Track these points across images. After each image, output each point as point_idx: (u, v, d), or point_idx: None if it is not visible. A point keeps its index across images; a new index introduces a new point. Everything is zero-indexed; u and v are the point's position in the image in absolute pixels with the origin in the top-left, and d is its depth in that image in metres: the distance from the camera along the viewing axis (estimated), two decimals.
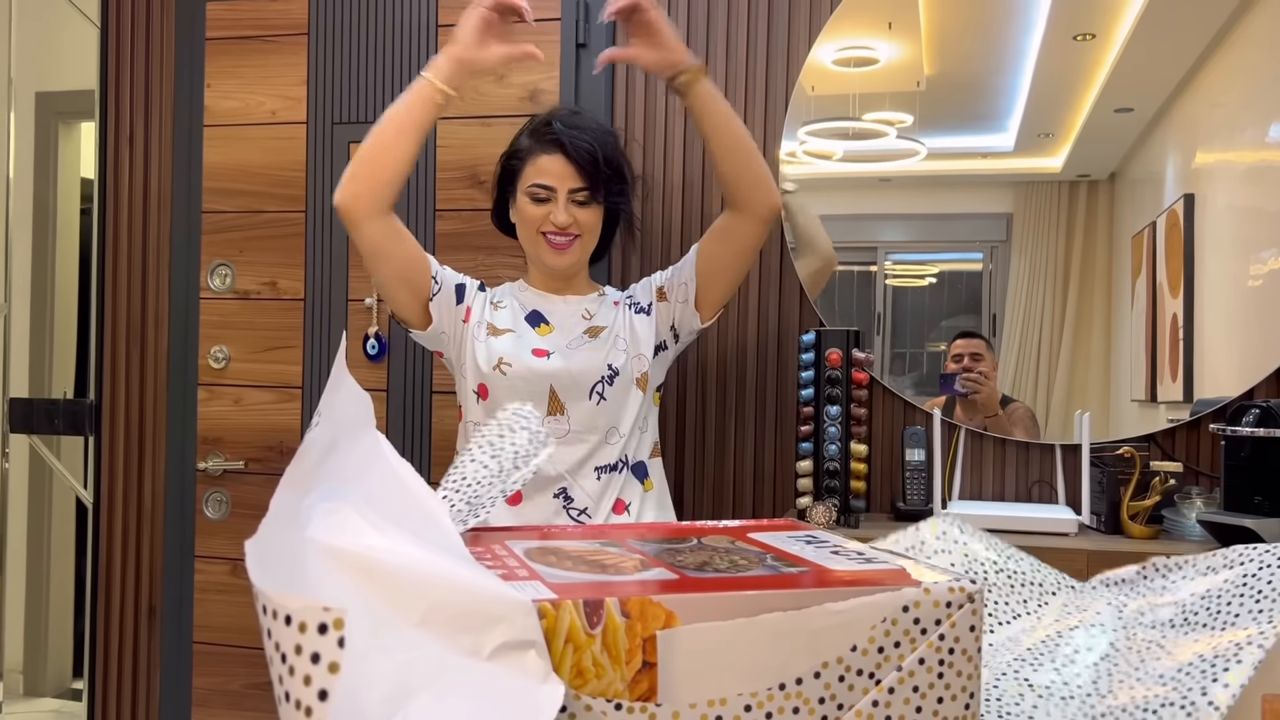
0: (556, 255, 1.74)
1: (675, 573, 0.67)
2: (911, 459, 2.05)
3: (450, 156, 2.33)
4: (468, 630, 0.56)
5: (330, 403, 0.57)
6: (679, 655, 0.60)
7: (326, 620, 0.47)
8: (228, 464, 2.44)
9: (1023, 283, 2.14)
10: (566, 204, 1.71)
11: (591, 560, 0.72)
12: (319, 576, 0.53)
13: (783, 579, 0.66)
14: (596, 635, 0.58)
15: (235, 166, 2.46)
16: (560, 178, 1.71)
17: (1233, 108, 2.03)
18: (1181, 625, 0.95)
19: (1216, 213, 2.03)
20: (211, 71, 2.47)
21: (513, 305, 1.81)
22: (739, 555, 0.74)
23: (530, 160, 1.74)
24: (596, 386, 1.73)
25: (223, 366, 2.45)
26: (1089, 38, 2.09)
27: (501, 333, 1.76)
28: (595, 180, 1.71)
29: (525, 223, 1.75)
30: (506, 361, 1.72)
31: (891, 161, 2.19)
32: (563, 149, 1.70)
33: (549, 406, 1.73)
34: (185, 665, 2.46)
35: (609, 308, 1.84)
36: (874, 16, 2.18)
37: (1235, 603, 0.91)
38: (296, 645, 0.48)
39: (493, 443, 0.89)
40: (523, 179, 1.75)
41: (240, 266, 2.46)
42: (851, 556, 0.74)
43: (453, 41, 1.68)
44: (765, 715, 0.61)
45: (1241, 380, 2.01)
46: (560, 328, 1.79)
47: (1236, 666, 0.83)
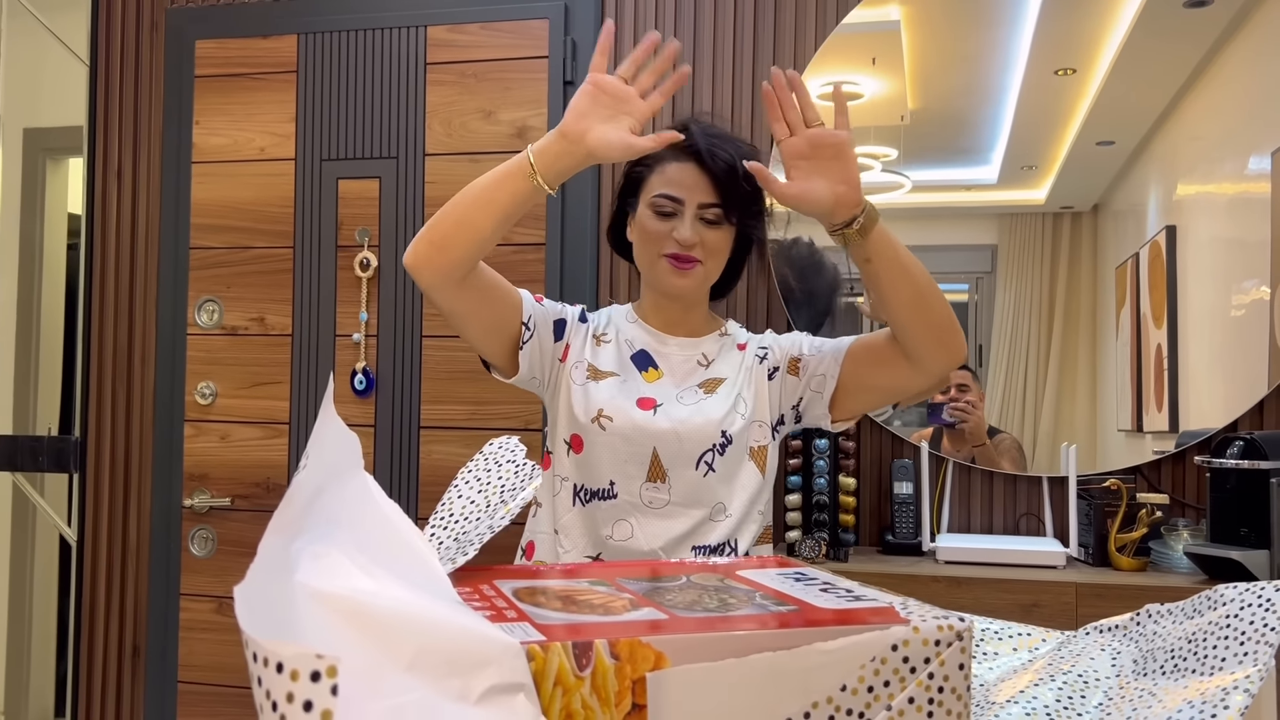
0: (677, 276, 1.47)
1: (665, 612, 0.67)
2: (900, 492, 2.05)
3: (439, 192, 2.34)
4: (456, 673, 0.56)
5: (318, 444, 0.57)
6: (669, 697, 0.60)
7: (319, 668, 0.47)
8: (214, 501, 2.42)
9: (1008, 314, 2.15)
10: (694, 220, 1.46)
11: (580, 600, 0.71)
12: (308, 621, 0.53)
13: (772, 618, 0.66)
14: (586, 677, 0.58)
15: (223, 202, 2.46)
16: (691, 189, 1.46)
17: (1212, 141, 2.06)
18: (1172, 672, 0.95)
19: (1198, 244, 2.06)
20: (200, 108, 2.48)
21: (618, 341, 1.55)
22: (728, 594, 0.74)
23: (658, 168, 1.49)
24: (706, 455, 1.48)
25: (209, 402, 2.45)
26: (1070, 73, 2.12)
27: (604, 376, 1.51)
28: (730, 197, 1.46)
29: (645, 239, 1.50)
30: (607, 415, 1.47)
31: (877, 195, 2.20)
32: (697, 157, 1.46)
33: (649, 471, 1.48)
34: (170, 705, 2.43)
35: (731, 352, 1.57)
36: (858, 52, 2.21)
37: (1220, 645, 0.92)
38: (288, 693, 0.48)
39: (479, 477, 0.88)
40: (647, 189, 1.50)
41: (228, 302, 2.45)
42: (841, 594, 0.74)
43: (557, 129, 1.36)
44: None
45: (1226, 411, 2.03)
46: (671, 374, 1.53)
47: (1224, 713, 0.83)
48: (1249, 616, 0.91)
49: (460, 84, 2.34)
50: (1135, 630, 1.07)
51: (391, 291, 2.36)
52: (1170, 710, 0.88)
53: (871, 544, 2.16)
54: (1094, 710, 1.00)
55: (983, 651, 1.13)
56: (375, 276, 2.36)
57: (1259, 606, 0.91)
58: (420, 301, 2.34)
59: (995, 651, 1.15)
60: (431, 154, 2.35)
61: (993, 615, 1.76)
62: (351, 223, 2.39)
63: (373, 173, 2.38)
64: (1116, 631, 1.09)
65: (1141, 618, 1.06)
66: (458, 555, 0.76)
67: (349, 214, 2.39)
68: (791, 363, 1.54)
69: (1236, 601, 0.94)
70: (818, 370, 1.51)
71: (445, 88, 2.35)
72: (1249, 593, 0.93)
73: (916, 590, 1.80)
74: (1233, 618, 0.92)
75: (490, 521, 0.80)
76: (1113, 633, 1.09)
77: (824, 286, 2.22)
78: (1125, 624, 1.09)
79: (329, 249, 2.40)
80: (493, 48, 2.32)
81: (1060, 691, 1.05)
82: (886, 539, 2.05)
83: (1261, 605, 0.91)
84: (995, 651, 1.15)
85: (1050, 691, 1.06)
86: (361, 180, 2.38)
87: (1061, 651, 1.10)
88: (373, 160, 2.38)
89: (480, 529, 0.78)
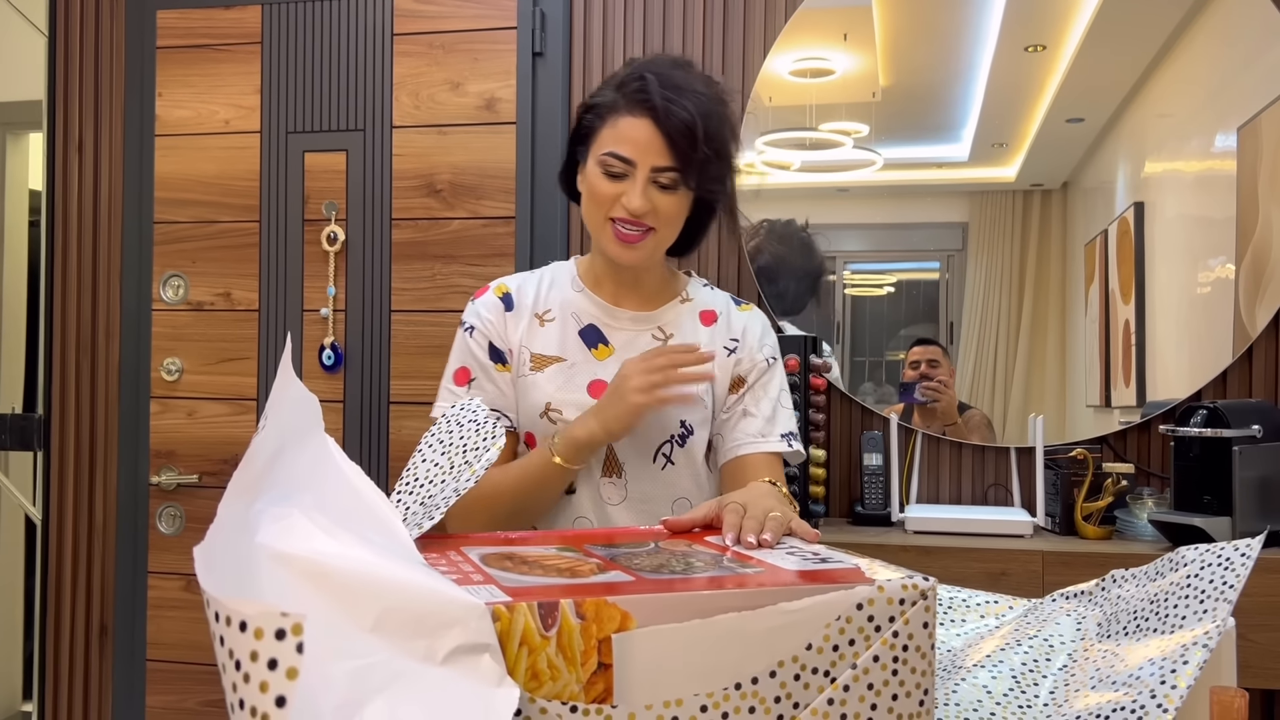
0: (622, 248, 1.32)
1: (631, 575, 0.67)
2: (869, 464, 2.06)
3: (406, 165, 2.31)
4: (421, 635, 0.55)
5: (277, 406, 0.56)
6: (635, 656, 0.60)
7: (284, 625, 0.47)
8: (181, 478, 2.40)
9: (979, 291, 2.16)
10: (646, 185, 1.30)
11: (548, 565, 0.71)
12: (271, 583, 0.52)
13: (737, 579, 0.66)
14: (551, 637, 0.58)
15: (188, 176, 2.42)
16: (643, 149, 1.29)
17: (1179, 118, 2.07)
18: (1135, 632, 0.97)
19: (1166, 221, 2.07)
20: (162, 80, 2.44)
21: (564, 317, 1.41)
22: (695, 557, 0.74)
23: (610, 120, 1.32)
24: (664, 447, 1.36)
25: (176, 379, 2.42)
26: (1040, 49, 2.12)
27: (548, 363, 1.38)
28: (688, 161, 1.29)
29: (592, 199, 1.34)
30: (556, 408, 1.35)
31: (848, 172, 2.20)
32: (653, 114, 1.29)
33: (605, 466, 1.36)
34: (138, 684, 2.41)
35: (693, 324, 1.43)
36: (830, 28, 2.20)
37: (1181, 605, 0.93)
38: (252, 651, 0.47)
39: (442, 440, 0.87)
40: (597, 143, 1.33)
41: (193, 277, 2.42)
42: (806, 556, 0.75)
43: (599, 421, 1.28)
44: (721, 715, 0.61)
45: (1191, 383, 2.05)
46: (624, 349, 1.39)
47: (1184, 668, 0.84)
48: (1209, 576, 0.92)
49: (428, 55, 2.31)
50: (1100, 595, 1.08)
51: (360, 266, 2.33)
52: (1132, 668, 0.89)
53: (841, 515, 2.17)
54: (1058, 672, 1.01)
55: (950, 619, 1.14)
56: (343, 250, 2.34)
57: (1219, 566, 0.92)
58: (389, 276, 2.32)
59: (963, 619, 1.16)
60: (399, 126, 2.32)
61: (961, 584, 1.78)
62: (318, 196, 2.36)
63: (339, 145, 2.35)
64: (1082, 597, 1.10)
65: (1106, 583, 1.08)
66: (424, 520, 0.75)
67: (316, 187, 2.36)
68: (736, 381, 1.42)
69: (1197, 562, 0.95)
70: (724, 429, 1.40)
71: (413, 59, 2.32)
72: (1209, 553, 0.95)
73: (886, 559, 1.81)
74: (1193, 577, 0.94)
75: (455, 484, 0.79)
76: (1078, 598, 1.11)
77: (812, 268, 2.22)
78: (1091, 589, 1.10)
79: (295, 223, 2.37)
80: (461, 18, 2.30)
81: (1026, 655, 1.07)
82: (856, 510, 2.06)
83: (1221, 564, 0.92)
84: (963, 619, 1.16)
85: (1016, 655, 1.08)
86: (328, 153, 2.36)
87: (1028, 617, 1.12)
88: (339, 133, 2.35)
89: (446, 492, 0.78)
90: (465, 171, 2.29)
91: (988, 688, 1.04)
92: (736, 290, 2.23)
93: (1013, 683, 1.03)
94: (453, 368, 1.42)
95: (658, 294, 1.44)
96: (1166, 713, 0.82)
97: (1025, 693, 1.02)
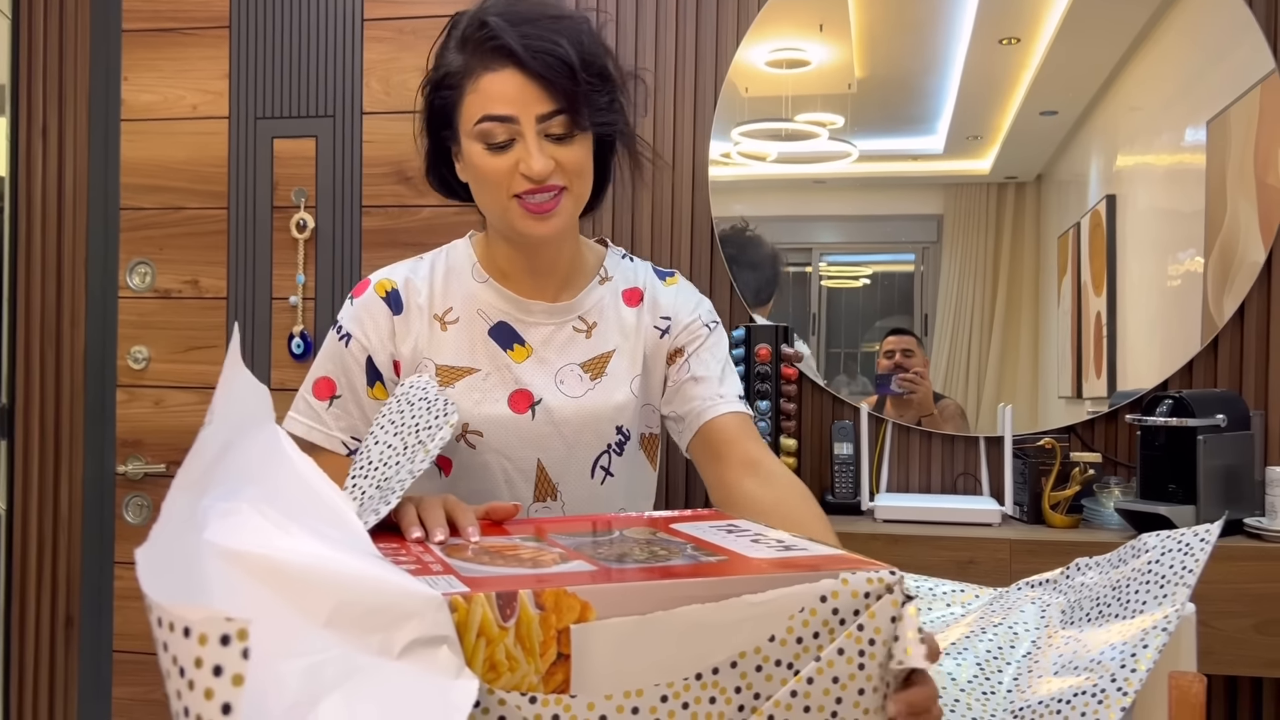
0: (537, 221, 1.12)
1: (594, 565, 0.67)
2: (840, 453, 2.07)
3: (376, 152, 2.29)
4: (377, 629, 0.55)
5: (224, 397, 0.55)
6: (594, 647, 0.59)
7: (229, 631, 0.46)
8: (148, 467, 2.37)
9: (953, 283, 2.17)
10: (539, 141, 1.10)
11: (509, 555, 0.71)
12: (218, 582, 0.51)
13: (700, 569, 0.66)
14: (510, 628, 0.57)
15: (155, 162, 2.39)
16: (521, 102, 1.09)
17: (1150, 112, 2.08)
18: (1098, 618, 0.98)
19: (1137, 214, 2.09)
20: (128, 64, 2.40)
21: (467, 315, 1.21)
22: (659, 546, 0.74)
23: (469, 86, 1.12)
24: (601, 459, 1.21)
25: (142, 367, 2.39)
26: (1014, 42, 2.13)
27: (458, 376, 1.19)
28: (574, 97, 1.10)
29: (484, 182, 1.13)
30: (475, 429, 1.18)
31: (824, 163, 2.20)
32: (514, 59, 1.09)
33: (536, 489, 1.20)
34: (105, 675, 2.39)
35: (617, 307, 1.26)
36: (805, 18, 2.20)
37: (1142, 590, 0.94)
38: (196, 658, 0.46)
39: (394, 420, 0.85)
40: (464, 115, 1.13)
41: (160, 265, 2.39)
42: (772, 545, 0.74)
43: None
44: (681, 705, 0.60)
45: (1159, 374, 2.07)
46: (542, 347, 1.22)
47: (1144, 652, 0.85)
48: (1169, 561, 0.93)
49: (398, 40, 2.29)
50: (1064, 583, 1.09)
51: (329, 253, 2.31)
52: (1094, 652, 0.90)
53: None
54: (1022, 659, 1.02)
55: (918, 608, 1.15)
56: (313, 238, 2.32)
57: (1179, 551, 0.93)
58: (359, 263, 2.30)
59: (929, 607, 1.17)
60: (369, 112, 2.30)
61: (929, 572, 1.79)
62: (287, 183, 2.34)
63: (309, 131, 2.32)
64: (1047, 585, 1.11)
65: (1071, 571, 1.09)
66: (380, 505, 0.74)
67: (285, 174, 2.34)
68: (672, 353, 1.26)
69: (1158, 548, 0.96)
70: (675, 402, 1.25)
71: (383, 44, 2.30)
72: (1170, 539, 0.96)
73: (855, 548, 1.82)
74: (1154, 563, 0.95)
75: (410, 466, 0.78)
76: (1043, 586, 1.12)
77: (764, 260, 2.22)
78: (1055, 578, 1.11)
79: (264, 210, 2.34)
80: (431, 4, 2.27)
81: (990, 643, 1.07)
82: (827, 499, 2.07)
83: (1180, 550, 0.93)
84: (929, 607, 1.17)
85: (981, 643, 1.08)
86: (297, 139, 2.33)
87: (993, 606, 1.12)
88: (309, 119, 2.33)
89: (401, 475, 0.77)
90: None
91: (952, 675, 1.04)
92: (709, 283, 2.23)
93: (977, 670, 1.04)
94: (316, 374, 1.22)
95: (574, 275, 1.25)
96: (1126, 695, 0.82)
97: (989, 679, 1.02)
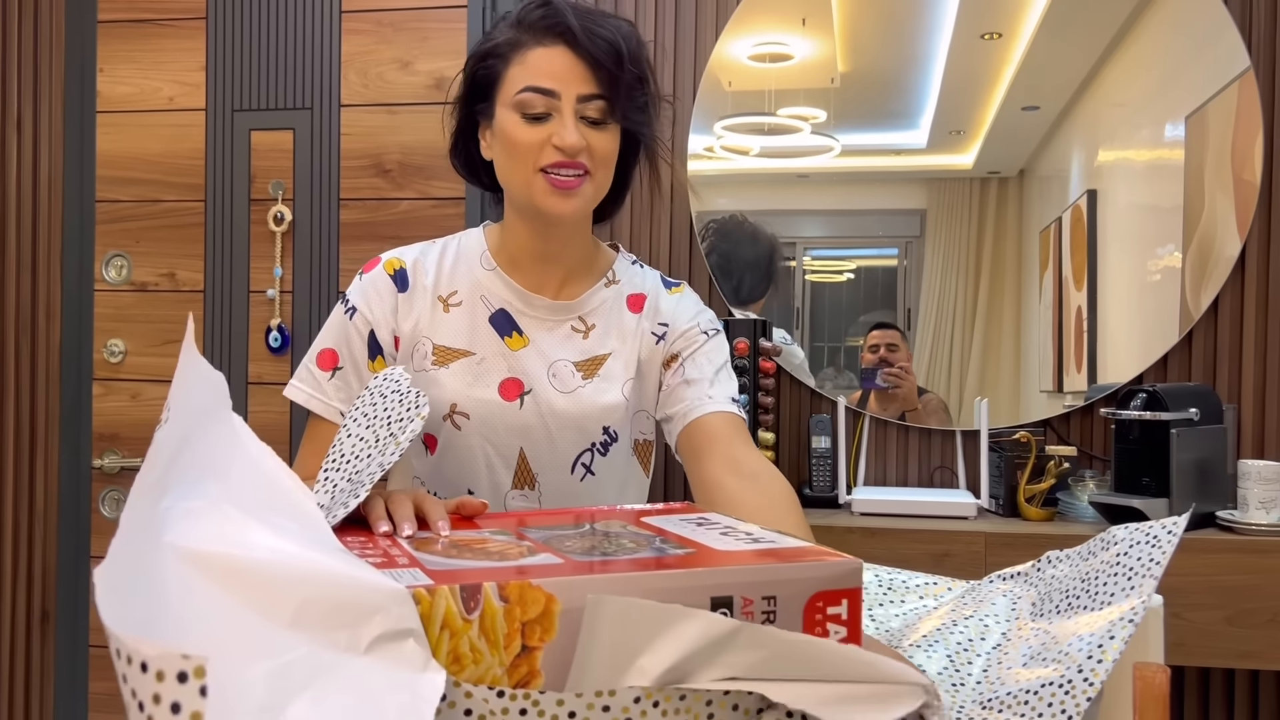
0: (560, 197, 1.15)
1: (560, 558, 0.67)
2: (817, 447, 2.08)
3: (355, 145, 2.28)
4: (343, 625, 0.55)
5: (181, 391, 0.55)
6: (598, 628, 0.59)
7: (186, 669, 0.44)
8: (125, 461, 2.36)
9: (936, 278, 2.18)
10: (575, 119, 1.14)
11: (477, 548, 0.71)
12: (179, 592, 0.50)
13: (666, 561, 0.66)
14: (474, 621, 0.58)
15: (131, 154, 2.38)
16: (566, 79, 1.14)
17: (1131, 107, 2.10)
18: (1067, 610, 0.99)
19: (1118, 209, 2.10)
20: (104, 56, 2.38)
21: (471, 300, 1.25)
22: (629, 539, 0.74)
23: (517, 58, 1.15)
24: (583, 456, 1.24)
25: (119, 361, 2.38)
26: (996, 37, 2.14)
27: (454, 358, 1.22)
28: (615, 86, 1.15)
29: (513, 152, 1.16)
30: (462, 410, 1.21)
31: (807, 158, 2.21)
32: (568, 37, 1.14)
33: (515, 476, 1.23)
34: (81, 670, 2.38)
35: (619, 312, 1.28)
36: (788, 13, 2.20)
37: (1110, 582, 0.95)
38: (154, 694, 0.45)
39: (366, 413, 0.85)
40: (505, 86, 1.16)
41: (137, 257, 2.38)
42: (740, 537, 0.75)
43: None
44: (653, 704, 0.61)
45: (1137, 368, 2.08)
46: (539, 342, 1.24)
47: (1110, 643, 0.86)
48: (1138, 554, 0.94)
49: (376, 33, 2.28)
50: (1035, 576, 1.10)
51: (307, 246, 2.30)
52: (1062, 644, 0.90)
53: None
54: (992, 651, 1.03)
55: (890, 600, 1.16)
56: (290, 231, 2.31)
57: (1146, 544, 0.94)
58: (337, 257, 2.29)
59: (902, 599, 1.18)
60: (347, 105, 2.29)
61: (905, 565, 1.80)
62: (265, 175, 2.32)
63: (286, 124, 2.31)
64: (1018, 578, 1.12)
65: (1041, 564, 1.10)
66: (350, 498, 0.74)
67: (262, 166, 2.33)
68: (668, 359, 1.28)
69: (1126, 540, 0.97)
70: (667, 405, 1.26)
71: (361, 36, 2.29)
72: (1139, 532, 0.97)
73: (832, 541, 1.83)
74: (1123, 555, 0.96)
75: (381, 459, 0.78)
76: (1014, 579, 1.12)
77: (763, 253, 2.22)
78: (1026, 571, 1.12)
79: (241, 202, 2.33)
80: None
81: (961, 635, 1.08)
82: (804, 492, 2.08)
83: (1148, 543, 0.94)
84: (902, 599, 1.18)
85: (952, 636, 1.09)
86: (275, 131, 2.32)
87: (965, 598, 1.13)
88: (286, 111, 2.31)
89: (371, 467, 0.76)
90: (414, 151, 2.26)
91: (923, 667, 1.05)
92: (688, 277, 2.23)
93: (947, 662, 1.04)
94: (321, 345, 1.26)
95: (582, 273, 1.28)
96: (1092, 686, 0.83)
97: (959, 671, 1.03)
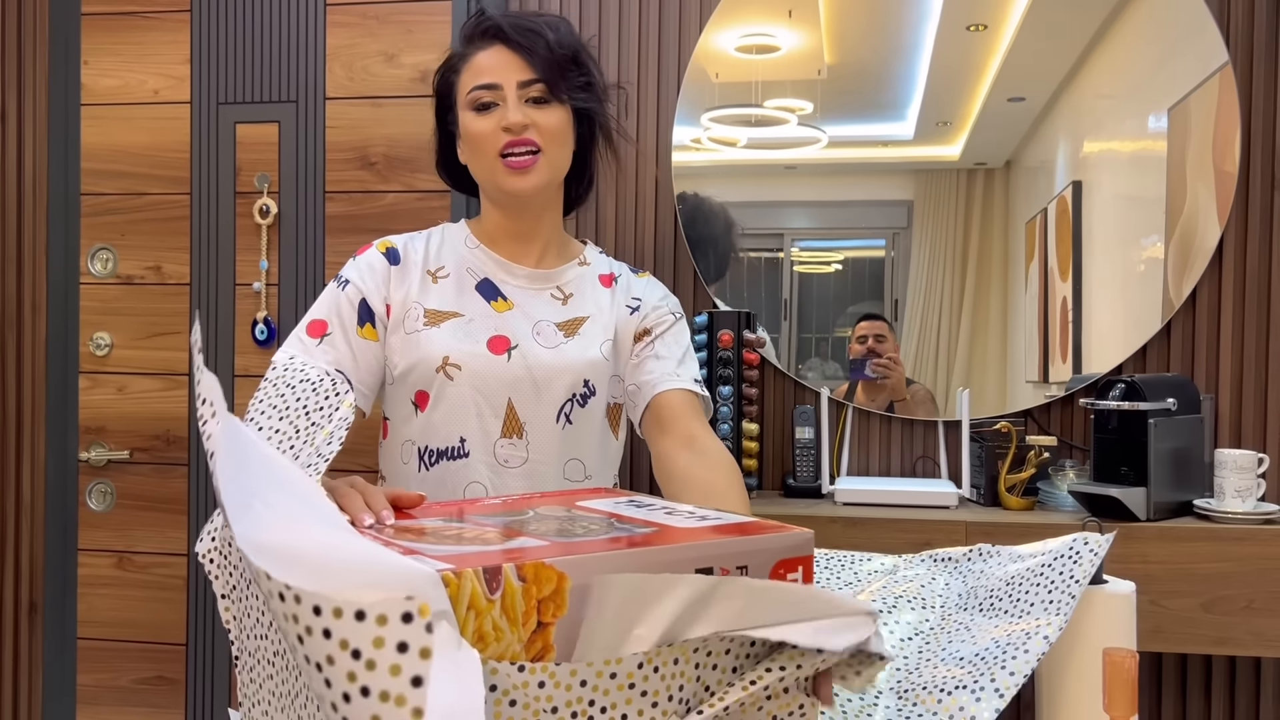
0: (516, 176, 1.33)
1: (541, 540, 0.69)
2: (801, 437, 2.09)
3: (340, 138, 2.29)
4: None
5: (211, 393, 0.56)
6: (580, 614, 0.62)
7: (411, 609, 0.49)
8: (112, 454, 2.37)
9: (923, 268, 2.19)
10: (519, 103, 1.33)
11: (453, 535, 0.72)
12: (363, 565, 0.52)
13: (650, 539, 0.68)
14: (496, 600, 0.60)
15: (116, 147, 2.38)
16: (504, 71, 1.33)
17: (1116, 98, 2.11)
18: (989, 610, 1.00)
19: (1103, 200, 2.12)
20: (88, 48, 2.38)
21: (458, 272, 1.38)
22: (587, 521, 0.76)
23: (465, 67, 1.37)
24: (565, 406, 1.34)
25: (105, 354, 2.38)
26: (981, 28, 2.15)
27: (444, 318, 1.34)
28: (551, 69, 1.33)
29: (474, 145, 1.35)
30: (454, 362, 1.31)
31: (794, 149, 2.22)
32: (500, 36, 1.34)
33: (504, 425, 1.32)
34: (69, 662, 2.38)
35: (593, 286, 1.44)
36: (775, 4, 2.21)
37: (1031, 591, 0.96)
38: (375, 638, 0.48)
39: (274, 404, 0.84)
40: (460, 91, 1.37)
41: (122, 250, 2.38)
42: (686, 515, 0.77)
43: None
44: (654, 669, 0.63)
45: (1119, 358, 2.10)
46: (522, 308, 1.38)
47: (1023, 656, 0.87)
48: (1059, 567, 0.95)
49: (361, 26, 2.29)
50: (965, 565, 1.11)
51: (292, 239, 2.31)
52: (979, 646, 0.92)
53: (774, 488, 2.21)
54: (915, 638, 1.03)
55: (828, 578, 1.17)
56: (275, 224, 2.31)
57: (1068, 558, 0.95)
58: (323, 249, 2.30)
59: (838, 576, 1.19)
60: (332, 98, 2.30)
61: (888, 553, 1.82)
62: (250, 168, 2.33)
63: (271, 117, 2.32)
64: (949, 563, 1.13)
65: (974, 554, 1.11)
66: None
67: (247, 159, 2.33)
68: (640, 333, 1.42)
69: (1053, 551, 0.98)
70: (635, 374, 1.40)
71: (346, 29, 2.29)
72: (1069, 543, 0.98)
73: (815, 530, 1.84)
74: (1046, 567, 0.97)
75: (314, 448, 0.78)
76: (945, 563, 1.13)
77: (719, 230, 2.23)
78: (958, 557, 1.13)
79: (227, 195, 2.34)
80: None
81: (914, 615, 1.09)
82: (788, 482, 2.10)
83: (1070, 557, 0.94)
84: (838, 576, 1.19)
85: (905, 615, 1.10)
86: (260, 124, 2.32)
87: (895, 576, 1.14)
88: (271, 104, 2.32)
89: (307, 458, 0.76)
90: (400, 144, 2.27)
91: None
92: (673, 269, 2.24)
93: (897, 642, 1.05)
94: (311, 317, 1.35)
95: (554, 250, 1.44)
96: (1003, 698, 0.85)
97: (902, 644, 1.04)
